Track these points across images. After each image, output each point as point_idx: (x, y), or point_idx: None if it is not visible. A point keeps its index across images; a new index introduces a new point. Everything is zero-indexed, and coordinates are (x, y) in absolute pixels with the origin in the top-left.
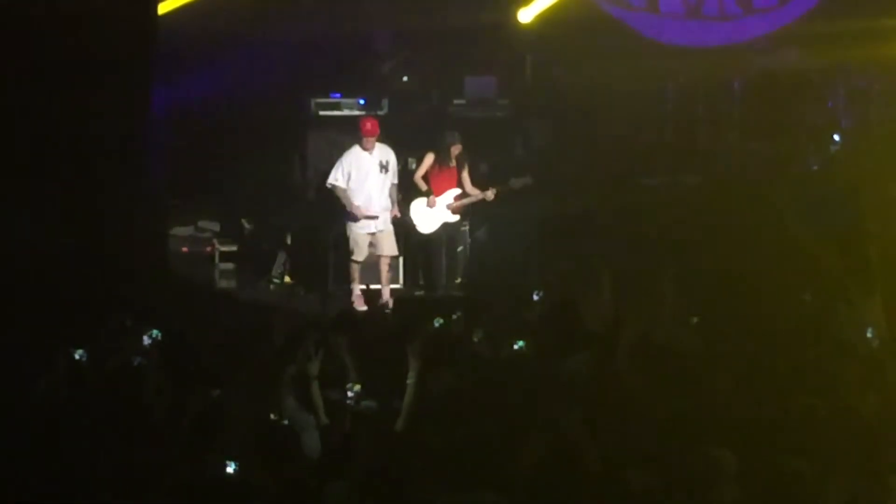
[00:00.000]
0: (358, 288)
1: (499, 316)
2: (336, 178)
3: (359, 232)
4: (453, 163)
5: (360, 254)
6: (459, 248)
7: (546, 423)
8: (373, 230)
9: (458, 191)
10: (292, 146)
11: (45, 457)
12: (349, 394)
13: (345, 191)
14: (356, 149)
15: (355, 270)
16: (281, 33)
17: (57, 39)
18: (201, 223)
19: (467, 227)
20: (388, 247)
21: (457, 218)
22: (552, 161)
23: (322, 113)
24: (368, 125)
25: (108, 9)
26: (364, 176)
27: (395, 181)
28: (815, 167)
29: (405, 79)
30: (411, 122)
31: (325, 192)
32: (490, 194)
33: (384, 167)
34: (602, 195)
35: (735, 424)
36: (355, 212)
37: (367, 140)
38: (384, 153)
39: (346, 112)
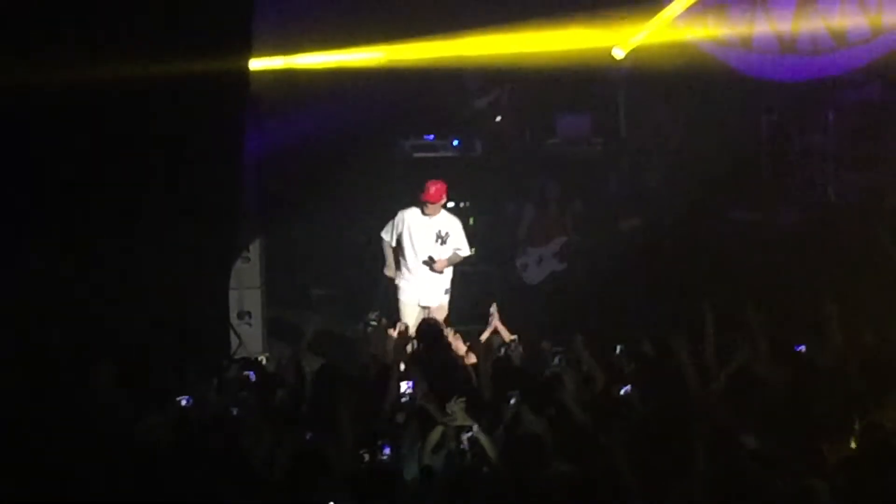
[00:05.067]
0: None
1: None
2: (386, 232)
3: (404, 299)
4: (555, 210)
5: (405, 318)
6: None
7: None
8: (421, 303)
9: (564, 238)
10: (388, 188)
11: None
12: (464, 438)
13: (389, 247)
14: (415, 211)
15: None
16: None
17: (160, 97)
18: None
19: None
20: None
21: (564, 265)
22: (648, 199)
23: (417, 155)
24: (432, 190)
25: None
26: (417, 243)
27: (464, 253)
28: None
29: (498, 119)
30: (505, 162)
31: None
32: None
33: (441, 238)
34: (697, 231)
35: (834, 458)
36: (396, 275)
37: (429, 206)
38: (446, 223)
39: (440, 153)
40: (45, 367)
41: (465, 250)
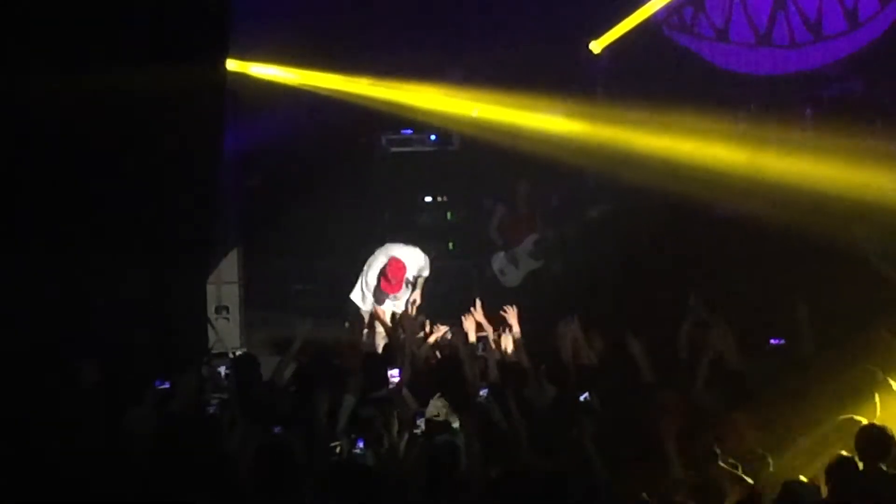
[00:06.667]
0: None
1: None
2: (355, 295)
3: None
4: (525, 209)
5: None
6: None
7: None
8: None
9: (536, 236)
10: (364, 183)
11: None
12: (419, 422)
13: (359, 310)
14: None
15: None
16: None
17: (139, 97)
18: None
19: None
20: None
21: (541, 263)
22: (622, 191)
23: (394, 149)
24: (394, 283)
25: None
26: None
27: (426, 274)
28: (890, 194)
29: (475, 113)
30: (483, 157)
31: (397, 229)
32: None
33: (412, 284)
34: (673, 224)
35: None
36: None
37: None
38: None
39: (418, 148)
40: (27, 367)
41: (427, 272)
